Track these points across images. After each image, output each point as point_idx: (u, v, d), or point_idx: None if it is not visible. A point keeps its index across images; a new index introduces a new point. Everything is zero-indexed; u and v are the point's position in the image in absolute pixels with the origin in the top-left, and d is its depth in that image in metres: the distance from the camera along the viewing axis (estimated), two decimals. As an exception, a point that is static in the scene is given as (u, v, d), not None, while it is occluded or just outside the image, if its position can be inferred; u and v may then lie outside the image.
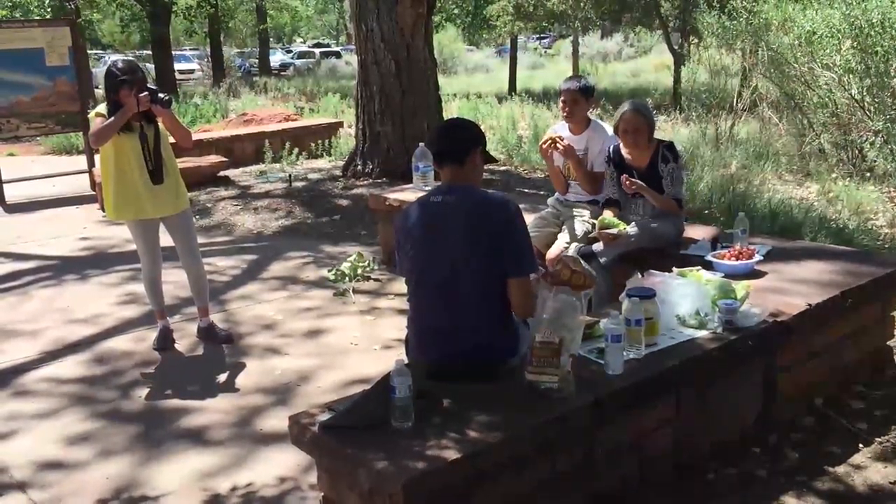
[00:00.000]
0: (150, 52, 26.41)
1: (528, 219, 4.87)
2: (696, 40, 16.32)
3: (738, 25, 9.85)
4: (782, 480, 3.07)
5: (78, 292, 5.85)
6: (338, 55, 37.89)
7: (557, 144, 4.62)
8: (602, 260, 4.26)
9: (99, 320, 5.21)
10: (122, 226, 8.02)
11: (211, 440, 3.60)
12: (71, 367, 4.50)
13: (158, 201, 4.42)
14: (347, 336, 4.77)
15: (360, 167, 9.22)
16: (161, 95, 4.31)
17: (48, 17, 19.95)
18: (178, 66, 28.74)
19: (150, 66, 25.12)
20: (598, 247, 4.31)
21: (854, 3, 7.98)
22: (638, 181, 4.26)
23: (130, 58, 4.85)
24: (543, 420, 2.61)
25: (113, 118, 4.23)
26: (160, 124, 4.41)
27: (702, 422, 3.17)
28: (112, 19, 31.56)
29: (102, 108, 4.35)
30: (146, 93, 4.23)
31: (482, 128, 10.95)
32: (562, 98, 4.72)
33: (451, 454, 2.40)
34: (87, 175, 9.65)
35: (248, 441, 3.58)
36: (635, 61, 31.04)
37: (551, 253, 4.54)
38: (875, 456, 3.22)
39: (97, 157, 4.81)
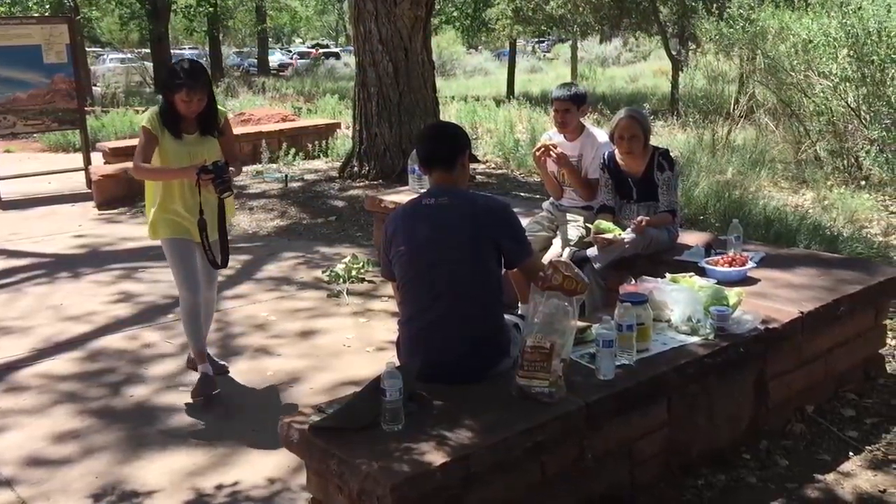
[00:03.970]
0: (148, 51, 26.41)
1: (523, 223, 4.90)
2: (694, 46, 16.37)
3: (736, 32, 9.88)
4: (772, 487, 3.07)
5: (71, 290, 5.84)
6: (337, 56, 37.91)
7: (551, 152, 4.61)
8: (596, 265, 4.26)
9: (92, 318, 5.20)
10: (117, 224, 8.10)
11: (201, 440, 3.59)
12: (63, 364, 4.49)
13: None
14: (340, 337, 4.77)
15: (356, 168, 9.22)
16: (226, 180, 3.70)
17: (47, 14, 19.92)
18: (176, 64, 28.73)
19: (149, 65, 25.16)
20: (592, 252, 4.31)
21: (850, 12, 8.00)
22: (647, 218, 4.25)
23: (197, 60, 4.39)
24: (534, 424, 2.60)
25: (166, 170, 3.82)
26: (216, 140, 3.97)
27: (693, 428, 3.17)
28: (111, 17, 31.57)
29: (153, 113, 3.85)
30: (211, 175, 3.64)
31: (480, 131, 10.93)
32: (554, 108, 4.72)
33: (441, 457, 2.40)
34: (83, 173, 9.64)
35: (237, 440, 3.57)
36: (634, 66, 31.08)
37: (546, 257, 4.53)
38: (865, 464, 3.23)
39: (94, 155, 4.65)
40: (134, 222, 8.04)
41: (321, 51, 40.40)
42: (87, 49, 26.34)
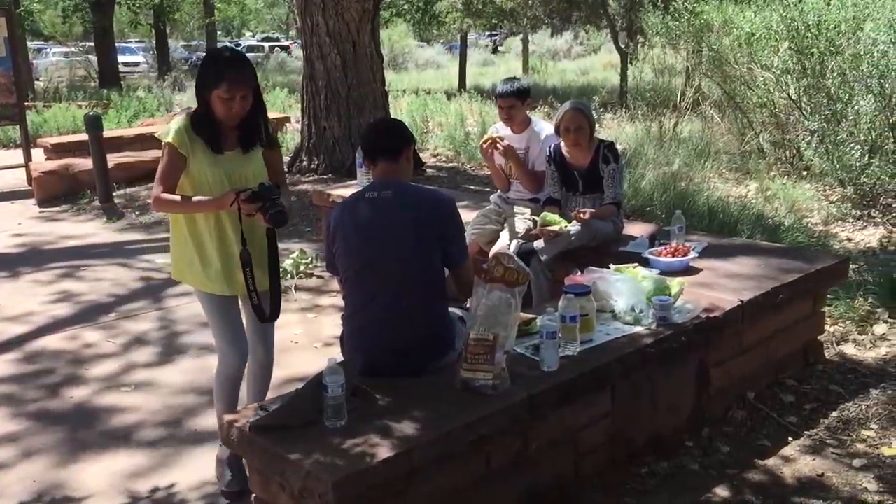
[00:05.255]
0: (93, 44, 25.81)
1: (471, 216, 4.91)
2: (642, 40, 16.54)
3: (681, 26, 10.00)
4: (713, 473, 3.12)
5: (10, 290, 5.68)
6: (287, 49, 37.49)
7: (497, 144, 4.63)
8: (543, 257, 4.28)
9: (30, 318, 5.07)
10: (58, 221, 7.91)
11: (142, 440, 3.53)
12: (-1, 366, 4.37)
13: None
14: (288, 333, 4.71)
15: (305, 163, 9.13)
16: (279, 203, 2.88)
17: (-16, 6, 19.32)
18: (122, 58, 28.18)
19: (94, 58, 24.58)
20: (539, 244, 4.32)
21: (791, 6, 8.15)
22: (590, 210, 4.29)
23: (238, 49, 3.03)
24: (478, 416, 2.60)
25: (195, 203, 2.96)
26: (260, 156, 3.11)
27: (636, 416, 3.20)
28: (54, 9, 30.76)
29: (181, 125, 2.97)
30: (258, 203, 2.85)
31: (431, 124, 10.93)
32: (499, 104, 4.74)
33: (384, 452, 2.38)
34: (23, 170, 9.39)
35: (180, 441, 3.51)
36: (584, 59, 31.30)
37: (493, 250, 4.54)
38: (804, 449, 3.29)
39: (35, 151, 4.02)
40: (76, 220, 7.86)
41: (271, 44, 39.92)
42: (28, 43, 25.65)
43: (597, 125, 4.70)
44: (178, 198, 2.96)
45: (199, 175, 2.97)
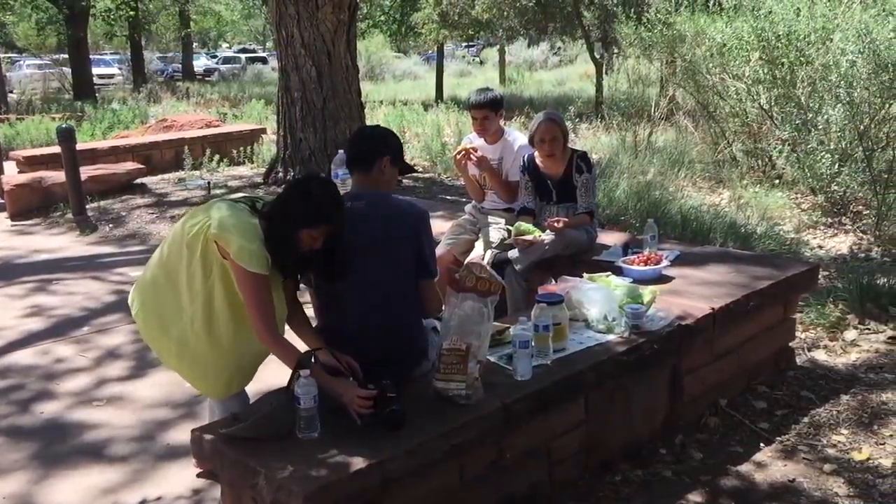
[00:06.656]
0: (67, 56, 25.64)
1: (446, 226, 4.92)
2: (616, 50, 16.68)
3: (654, 36, 10.09)
4: (687, 480, 3.14)
5: (-20, 304, 5.61)
6: (264, 60, 37.43)
7: (471, 155, 4.64)
8: (517, 266, 4.29)
9: (1, 333, 5.00)
10: (31, 235, 7.83)
11: (115, 455, 3.49)
12: (-31, 382, 4.31)
13: None
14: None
15: (281, 174, 9.10)
16: (395, 402, 2.56)
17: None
18: (97, 70, 28.05)
19: (68, 70, 24.42)
20: (513, 253, 4.34)
21: (761, 17, 8.25)
22: (564, 219, 4.31)
23: (330, 179, 3.02)
24: (451, 426, 2.60)
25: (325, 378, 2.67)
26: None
27: (610, 424, 3.22)
28: (28, 22, 30.52)
29: (260, 246, 2.67)
30: (375, 390, 2.60)
31: (408, 135, 10.84)
32: (472, 115, 4.76)
33: (358, 463, 2.38)
34: (-5, 182, 9.29)
35: (153, 456, 3.48)
36: (560, 70, 31.50)
37: (468, 260, 4.55)
38: (776, 454, 3.33)
39: (7, 164, 3.81)
40: (48, 233, 7.78)
41: (247, 55, 39.82)
42: (1, 55, 25.44)
43: (572, 135, 4.72)
44: (294, 349, 2.84)
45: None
